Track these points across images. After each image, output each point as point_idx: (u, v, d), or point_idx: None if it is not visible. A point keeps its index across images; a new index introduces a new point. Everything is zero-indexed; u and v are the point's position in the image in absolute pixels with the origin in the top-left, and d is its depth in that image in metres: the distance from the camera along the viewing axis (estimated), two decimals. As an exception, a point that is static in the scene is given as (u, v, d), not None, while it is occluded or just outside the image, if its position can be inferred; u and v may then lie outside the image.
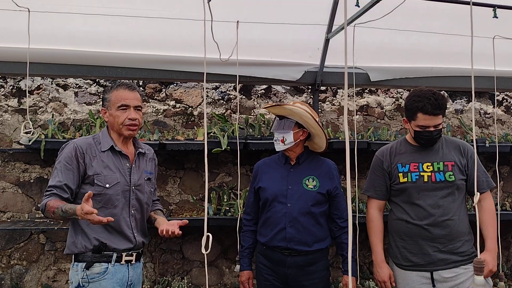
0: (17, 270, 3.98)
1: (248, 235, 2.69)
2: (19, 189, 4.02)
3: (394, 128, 4.64)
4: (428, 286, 2.40)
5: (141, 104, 2.33)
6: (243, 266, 2.67)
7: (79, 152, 2.19)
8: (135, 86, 2.34)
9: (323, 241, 2.54)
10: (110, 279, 2.16)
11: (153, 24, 3.23)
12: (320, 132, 2.52)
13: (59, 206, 2.06)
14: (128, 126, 2.25)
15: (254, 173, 2.71)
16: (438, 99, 2.34)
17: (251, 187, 2.71)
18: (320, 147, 2.65)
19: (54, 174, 2.21)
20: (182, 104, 4.33)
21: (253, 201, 2.68)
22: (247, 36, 3.20)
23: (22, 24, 2.94)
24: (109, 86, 2.33)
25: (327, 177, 2.57)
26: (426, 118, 2.36)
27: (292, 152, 2.57)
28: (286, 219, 2.48)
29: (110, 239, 2.19)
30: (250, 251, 2.69)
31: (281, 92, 4.50)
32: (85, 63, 3.56)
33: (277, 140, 2.53)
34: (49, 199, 2.13)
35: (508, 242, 4.72)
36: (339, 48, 3.59)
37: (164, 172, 4.21)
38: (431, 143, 2.45)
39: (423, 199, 2.40)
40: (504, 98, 4.90)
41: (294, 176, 2.56)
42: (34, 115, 4.05)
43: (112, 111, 2.27)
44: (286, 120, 2.51)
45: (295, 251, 2.47)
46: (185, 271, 4.21)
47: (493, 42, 2.95)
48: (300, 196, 2.49)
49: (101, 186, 2.19)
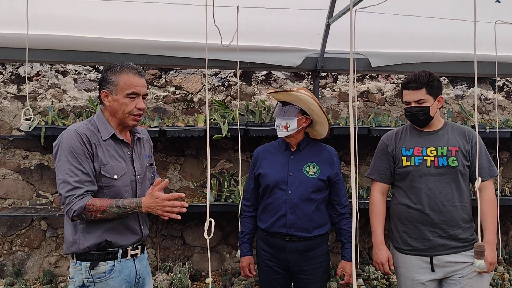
0: (19, 257, 4.00)
1: (248, 221, 2.69)
2: (19, 176, 4.03)
3: (395, 114, 4.63)
4: (428, 270, 2.41)
5: (147, 92, 2.13)
6: (243, 252, 2.67)
7: (86, 140, 1.95)
8: (143, 71, 2.12)
9: (323, 227, 2.55)
10: (117, 277, 2.01)
11: (153, 9, 3.20)
12: (323, 119, 2.51)
13: (111, 204, 1.89)
14: (135, 116, 2.05)
15: (253, 159, 2.69)
16: (418, 75, 2.37)
17: (250, 173, 2.70)
18: (320, 134, 2.64)
19: (68, 169, 1.90)
20: (182, 90, 4.31)
21: (253, 187, 2.67)
22: (248, 22, 3.17)
23: (20, 9, 2.91)
24: (114, 66, 2.05)
25: (328, 163, 2.57)
26: (406, 93, 2.43)
27: (293, 138, 2.56)
28: (286, 206, 2.48)
29: (116, 236, 2.01)
30: (250, 236, 2.69)
31: (281, 78, 4.48)
32: (85, 49, 3.54)
33: (279, 126, 2.50)
34: (86, 199, 1.88)
35: (507, 227, 4.75)
36: (340, 34, 3.56)
37: (165, 159, 4.22)
38: (417, 121, 2.44)
39: (425, 184, 2.40)
40: (504, 83, 4.88)
41: (295, 163, 2.55)
42: (33, 102, 4.04)
43: (118, 96, 2.02)
44: (290, 106, 2.49)
45: (296, 237, 2.49)
46: (186, 257, 4.24)
47: (494, 27, 2.92)
48: (300, 183, 2.49)
49: (109, 178, 1.98)
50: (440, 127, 2.50)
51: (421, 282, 2.42)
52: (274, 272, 2.55)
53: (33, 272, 4.02)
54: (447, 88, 4.73)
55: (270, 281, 2.57)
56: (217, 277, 4.08)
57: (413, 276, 2.44)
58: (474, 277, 2.34)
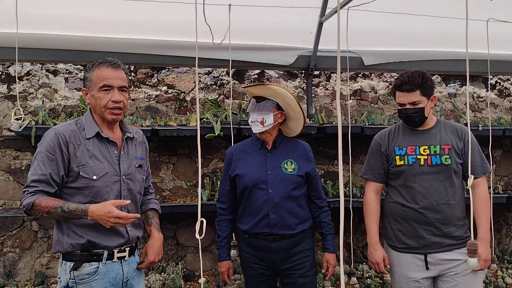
0: (10, 258, 3.97)
1: (225, 224, 2.61)
2: (10, 176, 3.99)
3: (388, 113, 4.64)
4: (422, 268, 2.41)
5: (127, 84, 2.07)
6: (222, 257, 2.59)
7: (62, 141, 1.94)
8: (120, 63, 2.07)
9: (305, 222, 2.52)
10: (101, 279, 1.98)
11: (144, 7, 3.18)
12: (299, 115, 2.47)
13: (57, 206, 1.86)
14: (111, 109, 2.00)
15: (227, 160, 2.62)
16: (412, 77, 2.35)
17: (225, 175, 2.62)
18: (293, 132, 2.60)
19: (34, 166, 1.94)
20: (174, 89, 4.29)
21: (228, 189, 2.59)
22: (240, 20, 3.15)
23: (10, 8, 2.87)
24: (90, 64, 2.05)
25: (304, 159, 2.54)
26: (400, 95, 2.40)
27: (268, 135, 2.52)
28: (268, 206, 2.43)
29: (99, 237, 1.98)
30: (228, 240, 2.63)
31: (274, 77, 4.47)
32: (75, 48, 3.51)
33: (255, 122, 2.44)
34: (35, 197, 1.89)
35: (500, 225, 4.77)
36: (333, 32, 3.55)
37: (157, 158, 4.19)
38: (412, 122, 2.44)
39: (419, 183, 2.40)
40: (497, 81, 4.90)
41: (272, 161, 2.50)
42: (24, 102, 4.00)
43: (93, 92, 2.00)
44: (267, 101, 2.46)
45: (280, 236, 2.47)
46: (179, 257, 4.22)
47: (487, 25, 2.92)
48: (281, 181, 2.45)
49: (88, 178, 1.95)
50: (432, 125, 2.49)
51: (415, 279, 2.41)
52: (260, 275, 2.53)
53: (24, 274, 3.98)
54: (440, 86, 4.74)
55: (257, 284, 2.55)
56: (210, 277, 4.06)
57: (407, 274, 2.44)
58: (468, 275, 2.34)
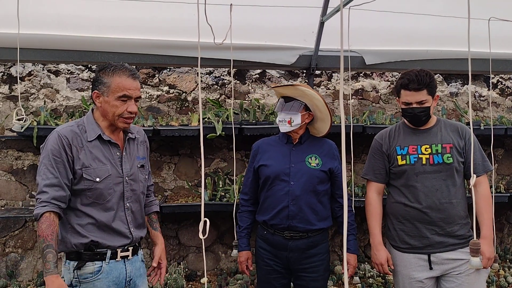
0: (13, 258, 3.97)
1: (245, 215, 2.65)
2: (12, 176, 3.99)
3: (389, 112, 4.63)
4: (425, 268, 2.40)
5: (140, 94, 2.07)
6: (241, 247, 2.63)
7: (66, 143, 1.94)
8: (137, 72, 2.06)
9: (324, 220, 2.52)
10: (104, 278, 1.99)
11: (145, 7, 3.17)
12: (327, 116, 2.50)
13: (45, 239, 1.83)
14: (125, 118, 2.02)
15: (253, 153, 2.65)
16: (419, 75, 2.34)
17: (250, 167, 2.65)
18: (320, 132, 2.63)
19: (42, 171, 1.93)
20: (176, 89, 4.29)
21: (251, 180, 2.62)
22: (241, 20, 3.14)
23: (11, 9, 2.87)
24: (108, 67, 2.01)
25: (329, 156, 2.56)
26: (407, 94, 2.38)
27: (295, 133, 2.55)
28: (289, 197, 2.44)
29: (103, 237, 1.99)
30: (248, 231, 2.65)
31: (275, 77, 4.47)
32: (77, 48, 3.50)
33: (283, 121, 2.47)
34: (45, 208, 1.88)
35: (502, 224, 4.77)
36: (334, 32, 3.55)
37: (159, 158, 4.19)
38: (418, 121, 2.44)
39: (421, 182, 2.40)
40: (498, 80, 4.89)
41: (297, 154, 2.52)
42: (26, 102, 4.00)
43: (109, 98, 1.98)
44: (296, 102, 2.48)
45: (297, 234, 2.46)
46: (181, 257, 4.22)
47: (488, 24, 2.92)
48: (303, 174, 2.46)
49: (91, 181, 1.96)
50: (433, 124, 2.49)
51: (419, 280, 2.41)
52: (274, 271, 2.53)
53: (26, 274, 3.99)
54: (442, 85, 4.73)
55: (270, 280, 2.54)
56: (212, 277, 4.06)
57: (410, 274, 2.43)
58: (471, 274, 2.34)
